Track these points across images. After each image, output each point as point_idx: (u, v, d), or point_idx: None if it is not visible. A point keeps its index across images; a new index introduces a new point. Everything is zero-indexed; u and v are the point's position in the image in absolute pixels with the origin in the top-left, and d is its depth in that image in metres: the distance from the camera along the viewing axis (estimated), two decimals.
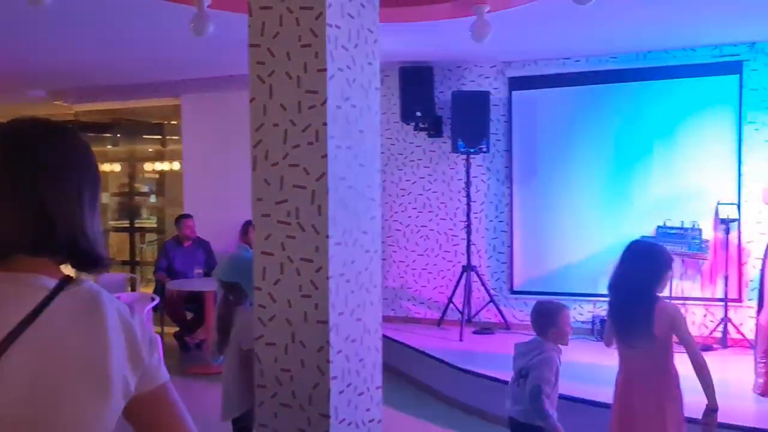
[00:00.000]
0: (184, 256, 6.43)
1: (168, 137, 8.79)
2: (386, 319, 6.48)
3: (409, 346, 5.64)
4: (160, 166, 8.95)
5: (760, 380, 4.27)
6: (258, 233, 2.59)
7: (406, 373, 5.54)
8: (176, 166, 8.33)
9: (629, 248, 2.91)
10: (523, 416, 3.04)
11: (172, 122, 8.32)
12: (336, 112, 2.54)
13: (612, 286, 2.90)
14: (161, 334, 6.03)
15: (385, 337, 5.67)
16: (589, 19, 4.64)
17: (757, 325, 4.53)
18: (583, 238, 6.00)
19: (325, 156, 2.48)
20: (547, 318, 3.07)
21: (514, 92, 6.23)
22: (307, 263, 2.51)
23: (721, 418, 2.92)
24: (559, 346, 3.04)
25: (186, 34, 3.63)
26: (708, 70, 5.64)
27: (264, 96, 2.56)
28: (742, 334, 5.35)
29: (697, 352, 2.67)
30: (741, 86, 5.55)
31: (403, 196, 6.64)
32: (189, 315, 6.35)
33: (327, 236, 2.49)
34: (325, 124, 2.47)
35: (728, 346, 5.36)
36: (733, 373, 4.66)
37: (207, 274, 6.28)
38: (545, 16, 4.46)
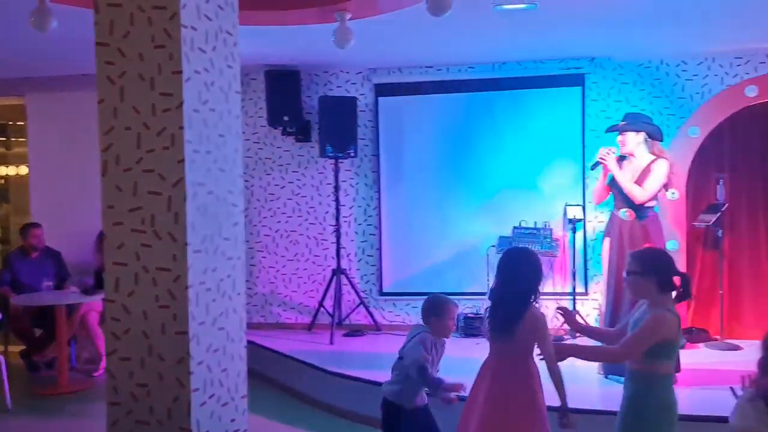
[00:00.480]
0: (31, 268, 5.93)
1: (13, 139, 8.08)
2: (256, 326, 6.42)
3: (279, 352, 5.59)
4: (4, 170, 8.21)
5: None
6: (109, 242, 2.46)
7: (276, 380, 5.48)
8: (23, 170, 7.69)
9: (519, 252, 3.04)
10: (392, 395, 3.23)
11: (18, 123, 7.67)
12: (193, 116, 2.47)
13: (493, 290, 2.99)
14: (5, 354, 5.53)
15: (254, 344, 5.70)
16: (447, 30, 4.85)
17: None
18: (449, 240, 6.25)
19: (182, 161, 2.41)
20: (433, 307, 3.25)
21: (380, 98, 6.37)
22: (164, 272, 2.42)
23: (571, 402, 3.16)
24: (442, 339, 3.20)
25: (29, 28, 3.37)
26: (555, 81, 6.08)
27: (114, 98, 2.43)
28: (588, 324, 5.81)
29: (552, 358, 2.81)
30: (584, 97, 6.05)
31: (271, 200, 6.56)
32: (37, 332, 5.87)
33: (185, 244, 2.42)
34: (181, 127, 2.40)
35: (576, 336, 5.79)
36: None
37: (58, 287, 5.84)
38: (407, 25, 4.61)
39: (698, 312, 5.93)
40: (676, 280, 2.77)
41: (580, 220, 5.92)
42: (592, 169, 4.93)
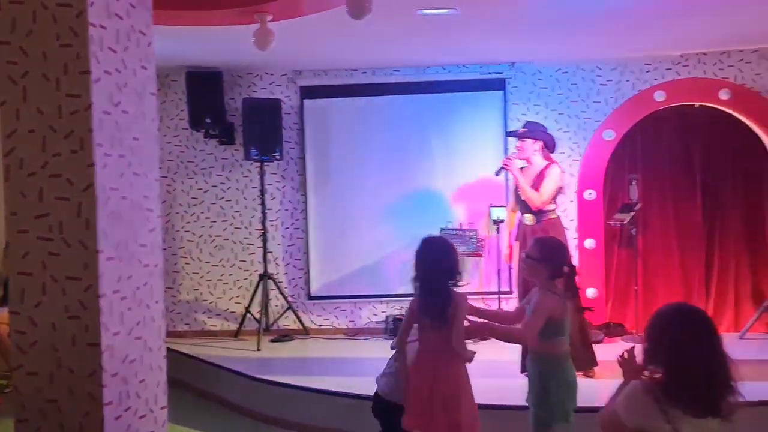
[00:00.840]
0: None
1: None
2: (179, 334, 6.24)
3: (204, 360, 5.45)
4: None
5: None
6: (13, 251, 2.33)
7: (203, 390, 5.34)
8: None
9: (430, 242, 3.08)
10: (385, 386, 3.16)
11: None
12: (104, 118, 2.37)
13: (416, 278, 3.01)
14: None
15: (178, 353, 5.53)
16: (371, 34, 4.87)
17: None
18: (376, 242, 6.27)
19: (92, 165, 2.31)
20: None
21: (305, 101, 6.32)
22: (75, 282, 2.31)
23: (494, 398, 3.24)
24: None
25: None
26: (478, 85, 6.21)
27: (17, 99, 2.31)
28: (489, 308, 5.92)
29: (459, 341, 2.89)
30: (505, 101, 6.21)
31: (194, 205, 6.40)
32: None
33: (97, 251, 2.31)
34: (90, 130, 2.30)
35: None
36: (506, 356, 5.13)
37: None
38: (331, 28, 4.59)
39: (615, 307, 6.19)
40: (566, 270, 3.02)
41: (503, 220, 6.05)
42: (496, 175, 5.07)
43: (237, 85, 6.33)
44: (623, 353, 2.26)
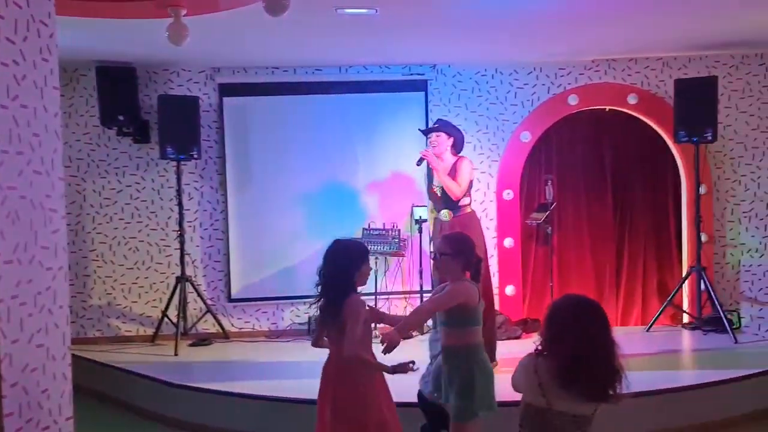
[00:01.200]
0: None
1: None
2: (91, 341, 5.96)
3: (118, 367, 5.23)
4: None
5: None
6: None
7: (118, 398, 5.13)
8: None
9: (330, 247, 3.07)
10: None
11: None
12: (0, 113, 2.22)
13: (318, 284, 3.03)
14: None
15: (90, 361, 5.29)
16: (291, 31, 4.81)
17: None
18: (298, 242, 6.19)
19: None
20: None
21: (225, 99, 6.18)
22: None
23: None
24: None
25: None
26: (400, 86, 6.26)
27: None
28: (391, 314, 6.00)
29: (350, 347, 2.85)
30: (427, 102, 6.28)
31: (107, 206, 6.13)
32: None
33: None
34: None
35: (425, 333, 5.98)
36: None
37: None
38: (250, 24, 4.51)
39: (532, 304, 6.39)
40: (474, 261, 3.16)
41: (425, 220, 6.12)
42: (417, 165, 5.09)
43: (152, 81, 6.11)
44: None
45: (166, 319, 5.87)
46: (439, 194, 4.83)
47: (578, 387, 2.15)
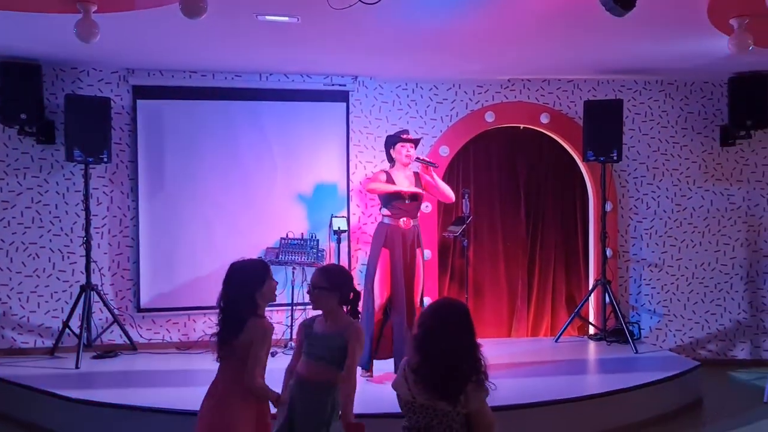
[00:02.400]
0: None
1: None
2: None
3: (13, 381, 4.89)
4: None
5: None
6: None
7: (11, 415, 4.79)
8: None
9: (229, 270, 2.97)
10: None
11: None
12: None
13: (218, 305, 2.94)
14: None
15: None
16: (209, 35, 4.70)
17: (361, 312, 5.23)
18: (213, 251, 6.01)
19: None
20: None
21: (138, 101, 5.95)
22: None
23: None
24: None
25: None
26: (321, 96, 6.24)
27: None
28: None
29: (254, 372, 2.81)
30: (348, 112, 6.29)
31: (5, 209, 5.75)
32: None
33: None
34: None
35: None
36: None
37: None
38: (166, 25, 4.37)
39: None
40: (351, 296, 3.02)
41: (345, 230, 6.11)
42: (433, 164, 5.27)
43: (59, 79, 5.81)
44: None
45: (68, 331, 5.55)
46: (407, 202, 5.05)
47: (429, 384, 2.37)
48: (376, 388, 4.66)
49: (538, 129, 6.55)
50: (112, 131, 5.72)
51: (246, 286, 2.88)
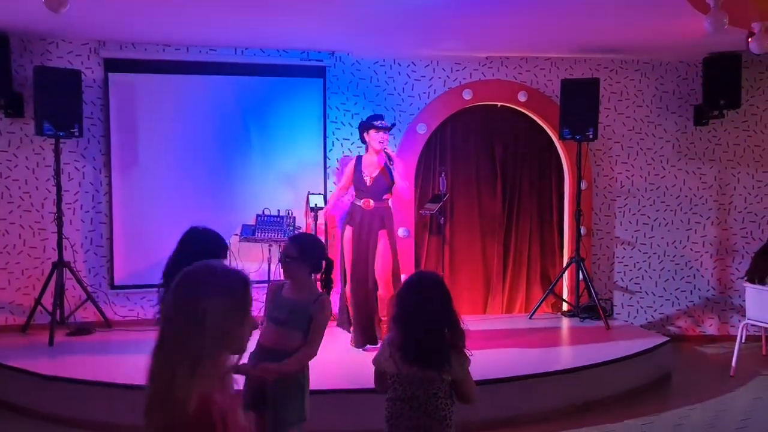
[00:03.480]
0: None
1: None
2: None
3: None
4: None
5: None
6: None
7: None
8: None
9: (185, 235, 2.97)
10: None
11: None
12: None
13: (166, 273, 2.91)
14: None
15: None
16: (182, 6, 4.60)
17: (342, 296, 5.36)
18: (188, 226, 5.92)
19: None
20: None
21: (110, 74, 5.82)
22: None
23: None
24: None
25: None
26: (298, 71, 6.17)
27: None
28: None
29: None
30: (325, 89, 6.23)
31: None
32: None
33: None
34: None
35: None
36: (335, 343, 5.17)
37: None
38: None
39: None
40: (324, 264, 3.02)
41: (321, 208, 6.08)
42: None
43: (27, 51, 5.65)
44: None
45: (40, 308, 5.47)
46: (368, 183, 5.24)
47: (414, 356, 2.45)
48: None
49: (515, 107, 6.56)
50: (83, 105, 5.60)
51: (207, 252, 2.71)
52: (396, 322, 2.51)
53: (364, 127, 5.36)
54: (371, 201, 5.21)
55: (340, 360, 4.87)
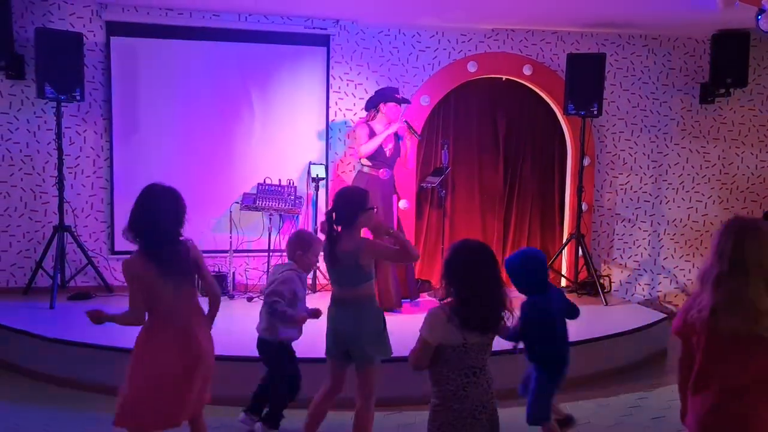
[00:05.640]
0: None
1: None
2: None
3: None
4: None
5: None
6: None
7: None
8: None
9: (147, 191, 2.95)
10: (265, 333, 3.55)
11: None
12: None
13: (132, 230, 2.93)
14: None
15: None
16: None
17: None
18: (191, 195, 5.72)
19: None
20: (300, 243, 3.56)
21: (112, 38, 5.77)
22: None
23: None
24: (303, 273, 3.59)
25: None
26: (301, 39, 6.10)
27: None
28: (327, 278, 6.05)
29: (214, 285, 3.03)
30: (329, 58, 6.17)
31: None
32: None
33: None
34: None
35: (317, 291, 5.99)
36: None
37: None
38: None
39: (424, 265, 6.55)
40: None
41: (323, 178, 6.07)
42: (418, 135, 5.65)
43: (29, 12, 5.59)
44: None
45: (41, 272, 5.50)
46: (387, 155, 5.43)
47: (477, 322, 2.44)
48: None
49: (520, 81, 6.51)
50: (84, 68, 5.55)
51: (179, 206, 2.93)
52: (453, 289, 2.47)
53: (383, 98, 5.44)
54: (388, 171, 5.43)
55: None
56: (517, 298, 3.02)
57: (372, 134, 5.38)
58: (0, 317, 4.87)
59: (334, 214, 3.13)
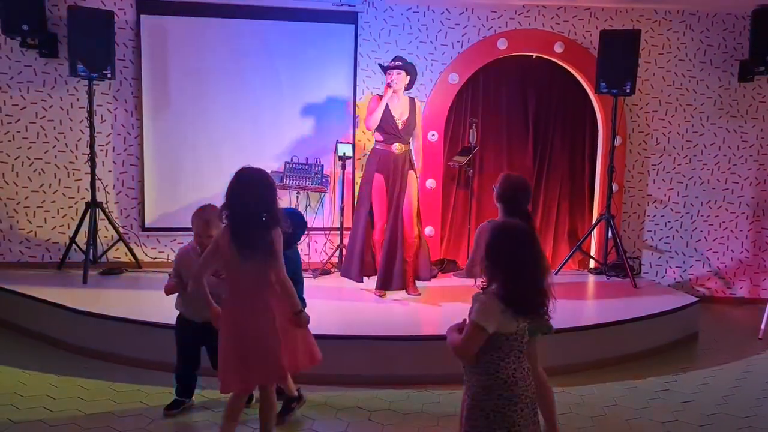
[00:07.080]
0: None
1: None
2: None
3: (21, 294, 4.99)
4: None
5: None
6: None
7: (21, 326, 4.92)
8: None
9: (241, 175, 3.02)
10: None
11: None
12: None
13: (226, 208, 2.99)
14: None
15: None
16: None
17: (374, 241, 5.36)
18: (218, 172, 5.93)
19: None
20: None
21: (142, 16, 5.81)
22: None
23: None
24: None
25: None
26: (330, 17, 6.06)
27: None
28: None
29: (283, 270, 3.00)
30: (356, 35, 6.12)
31: (9, 123, 5.72)
32: None
33: None
34: None
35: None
36: (348, 291, 5.29)
37: None
38: None
39: (450, 245, 6.53)
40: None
41: (350, 157, 6.06)
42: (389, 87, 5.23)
43: None
44: None
45: (74, 247, 5.62)
46: (400, 127, 5.21)
47: (528, 305, 2.37)
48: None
49: (551, 59, 6.38)
50: (115, 47, 5.61)
51: (271, 192, 3.01)
52: (503, 276, 2.36)
53: (382, 70, 5.41)
54: (401, 145, 5.23)
55: (339, 308, 4.96)
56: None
57: (387, 110, 5.20)
58: (35, 291, 5.00)
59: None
